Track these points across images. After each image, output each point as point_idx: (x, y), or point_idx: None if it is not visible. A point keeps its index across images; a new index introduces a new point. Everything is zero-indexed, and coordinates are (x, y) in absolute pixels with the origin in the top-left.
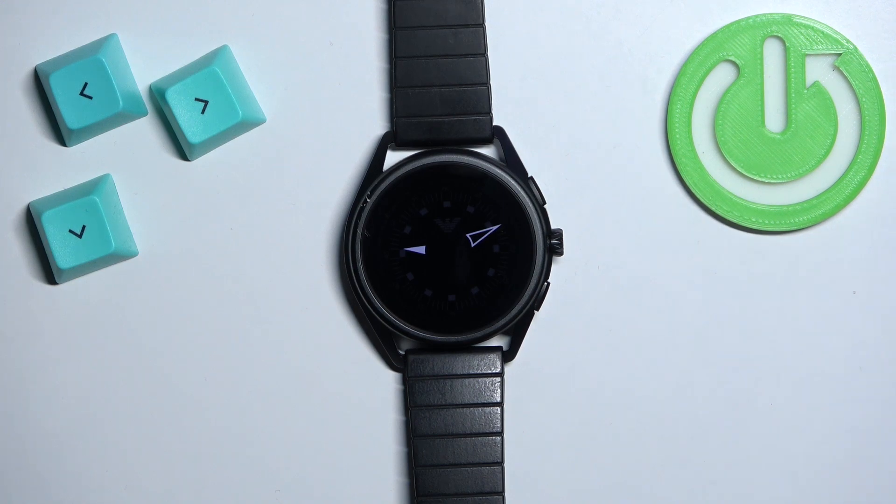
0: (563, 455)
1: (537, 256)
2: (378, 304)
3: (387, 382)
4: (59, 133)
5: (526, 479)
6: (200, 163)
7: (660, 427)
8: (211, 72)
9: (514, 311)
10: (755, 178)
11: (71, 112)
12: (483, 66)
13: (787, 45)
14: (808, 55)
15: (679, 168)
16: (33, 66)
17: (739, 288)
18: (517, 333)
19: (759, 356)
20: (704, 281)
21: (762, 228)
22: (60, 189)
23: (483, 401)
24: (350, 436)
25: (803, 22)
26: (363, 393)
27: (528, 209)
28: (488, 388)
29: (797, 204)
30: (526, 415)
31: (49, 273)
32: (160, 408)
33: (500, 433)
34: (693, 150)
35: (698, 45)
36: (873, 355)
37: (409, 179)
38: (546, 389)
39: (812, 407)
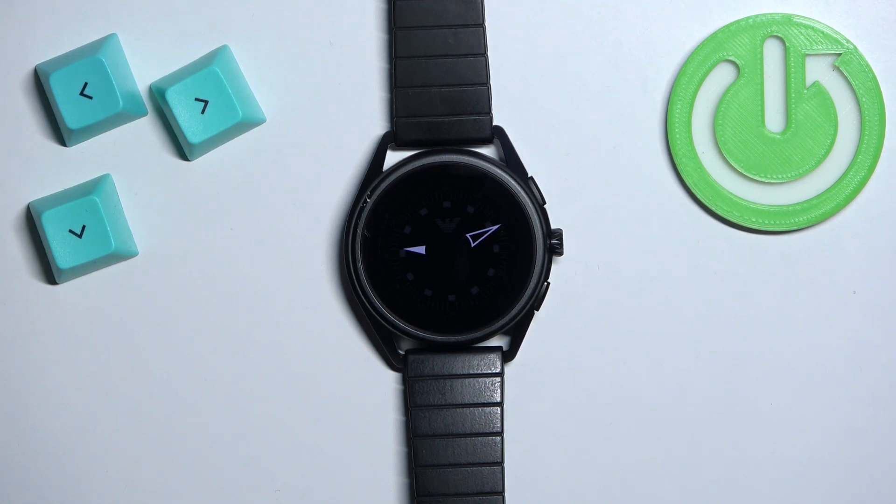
0: (563, 455)
1: (537, 256)
2: (378, 304)
3: (387, 382)
4: (59, 133)
5: (526, 479)
6: (200, 163)
7: (660, 427)
8: (211, 72)
9: (514, 312)
10: (755, 178)
11: (71, 112)
12: (483, 66)
13: (787, 45)
14: (808, 55)
15: (679, 168)
16: (33, 66)
17: (739, 288)
18: (517, 333)
19: (759, 356)
20: (704, 281)
21: (762, 228)
22: (60, 189)
23: (483, 401)
24: (350, 436)
25: (803, 22)
26: (363, 393)
27: (528, 209)
28: (488, 388)
29: (797, 204)
30: (526, 415)
31: (49, 273)
32: (160, 408)
33: (500, 433)
34: (693, 150)
35: (698, 45)
36: (873, 355)
37: (409, 179)
38: (546, 389)
39: (812, 407)
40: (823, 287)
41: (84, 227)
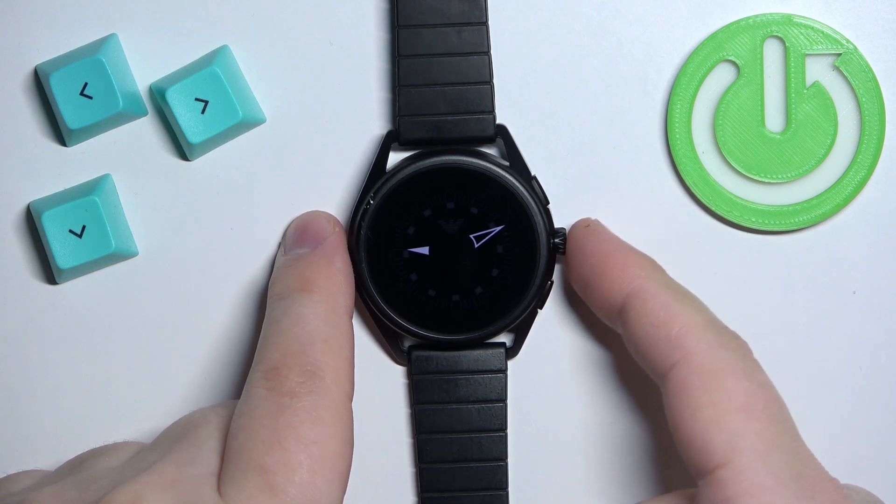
0: (566, 451)
1: (541, 256)
2: (382, 303)
3: (395, 377)
4: (59, 133)
5: (529, 475)
6: (200, 163)
7: (662, 424)
8: (211, 72)
9: (517, 311)
10: (755, 178)
11: (71, 112)
12: (486, 65)
13: (787, 45)
14: (808, 55)
15: (679, 168)
16: (33, 66)
17: (739, 288)
18: (520, 331)
19: (759, 356)
20: (705, 281)
21: (762, 228)
22: (60, 189)
23: (486, 397)
24: (359, 430)
25: (803, 22)
26: (370, 388)
27: (531, 209)
28: (492, 384)
29: (797, 204)
30: (529, 411)
31: (49, 273)
32: (160, 408)
33: (504, 429)
34: (693, 150)
35: (698, 45)
36: (873, 355)
37: (413, 181)
38: (549, 386)
39: (812, 407)
40: (823, 287)
41: (84, 227)
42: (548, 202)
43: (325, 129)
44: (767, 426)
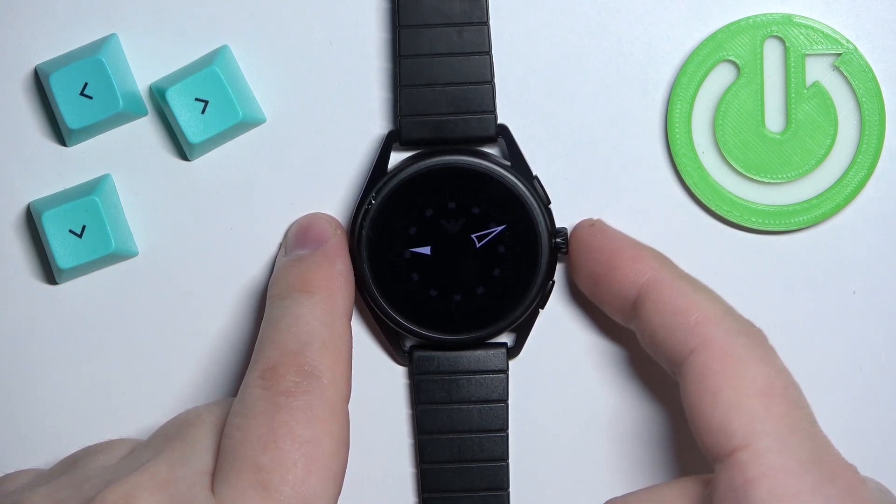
0: (567, 451)
1: (542, 256)
2: (383, 303)
3: (396, 377)
4: (59, 133)
5: (530, 475)
6: (200, 163)
7: (662, 424)
8: (211, 72)
9: (519, 311)
10: (755, 178)
11: (71, 112)
12: (487, 64)
13: (787, 45)
14: (808, 55)
15: (679, 168)
16: (33, 66)
17: (739, 288)
18: (522, 331)
19: None
20: (705, 281)
21: (762, 228)
22: (60, 189)
23: (488, 398)
24: (360, 430)
25: (803, 22)
26: (373, 387)
27: (533, 209)
28: (493, 384)
29: (797, 204)
30: (530, 411)
31: (49, 273)
32: (160, 408)
33: (505, 430)
34: (693, 150)
35: (698, 45)
36: (873, 355)
37: (415, 181)
38: (550, 386)
39: (812, 407)
40: (823, 287)
41: (84, 227)
42: (549, 202)
43: (325, 129)
44: (787, 411)
